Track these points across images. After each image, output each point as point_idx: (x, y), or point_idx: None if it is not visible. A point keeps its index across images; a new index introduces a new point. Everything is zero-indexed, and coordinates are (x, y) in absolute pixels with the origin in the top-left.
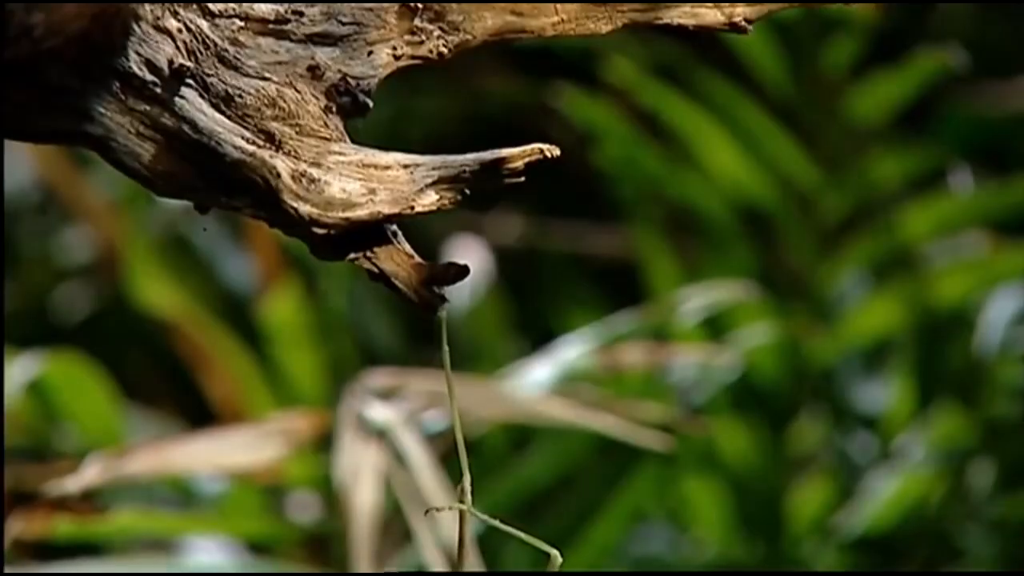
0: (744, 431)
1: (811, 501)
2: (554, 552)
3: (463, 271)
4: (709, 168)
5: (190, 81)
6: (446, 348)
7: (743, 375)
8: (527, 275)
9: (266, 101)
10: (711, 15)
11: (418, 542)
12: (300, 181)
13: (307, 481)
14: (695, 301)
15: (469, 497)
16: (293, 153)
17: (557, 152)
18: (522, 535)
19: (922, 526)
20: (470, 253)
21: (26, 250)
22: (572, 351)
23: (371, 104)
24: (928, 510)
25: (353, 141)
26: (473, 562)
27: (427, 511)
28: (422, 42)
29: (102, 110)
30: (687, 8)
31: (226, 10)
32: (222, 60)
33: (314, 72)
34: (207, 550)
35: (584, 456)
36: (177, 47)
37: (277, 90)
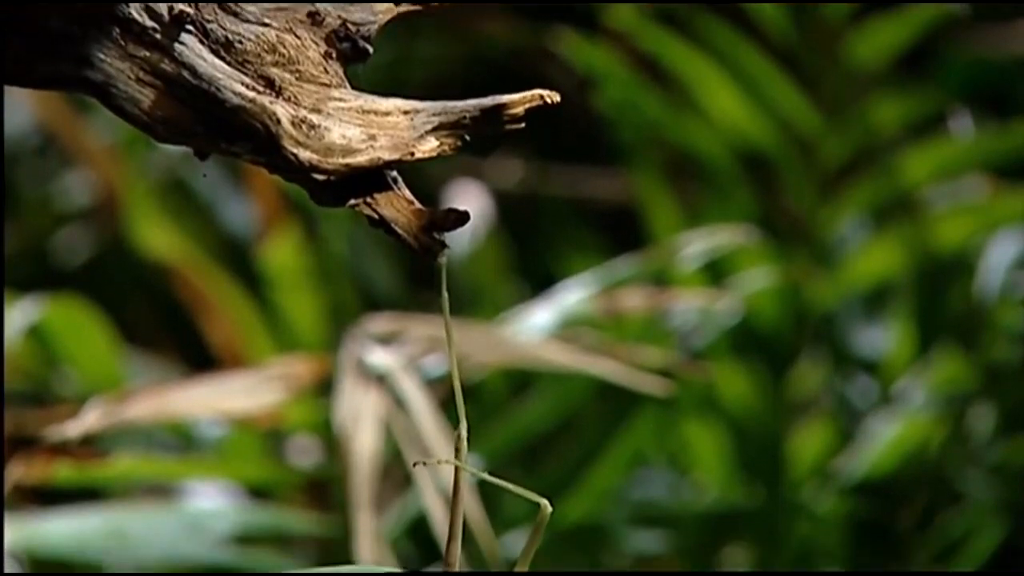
0: (744, 375)
1: (811, 445)
2: (544, 502)
3: (463, 217)
4: (709, 112)
5: (190, 27)
6: (445, 294)
7: (743, 319)
8: (527, 220)
9: (266, 47)
10: None
11: (418, 487)
12: (300, 127)
13: (307, 426)
14: (695, 245)
15: (465, 445)
16: (293, 99)
17: (557, 98)
18: (512, 487)
19: (922, 470)
20: (470, 198)
21: (26, 194)
22: (572, 296)
23: (371, 50)
24: (928, 454)
25: (353, 87)
26: (472, 509)
27: (419, 463)
28: None
29: (102, 56)
30: None
31: None
32: (222, 6)
33: (314, 18)
34: (207, 494)
35: (584, 400)
36: None
37: (277, 36)
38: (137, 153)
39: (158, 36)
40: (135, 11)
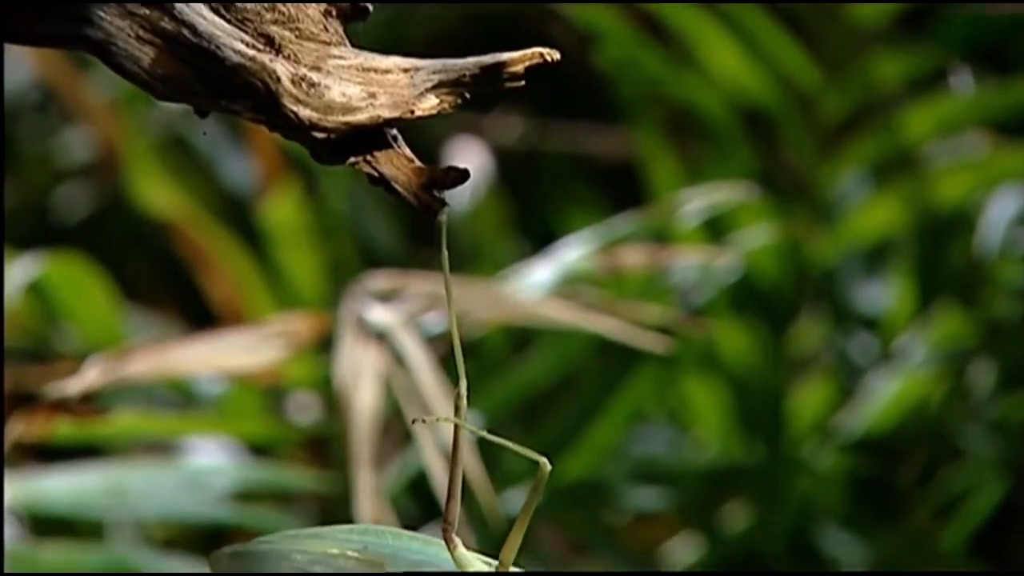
0: (744, 332)
1: (811, 402)
2: (543, 460)
3: (463, 175)
4: (710, 69)
5: None
6: (445, 252)
7: (743, 276)
8: (527, 176)
9: (265, 5)
10: None
11: (417, 444)
12: (300, 85)
13: (307, 382)
14: (696, 202)
15: (465, 403)
16: (293, 57)
17: (557, 56)
18: (512, 445)
19: (922, 426)
20: (470, 154)
21: (25, 150)
22: (572, 252)
23: (370, 8)
24: (928, 410)
25: (353, 45)
26: (472, 466)
27: (418, 420)
28: None
29: (102, 14)
30: None
31: None
32: None
33: None
34: (207, 451)
35: (584, 357)
36: None
37: None
38: (137, 109)
39: None
40: None
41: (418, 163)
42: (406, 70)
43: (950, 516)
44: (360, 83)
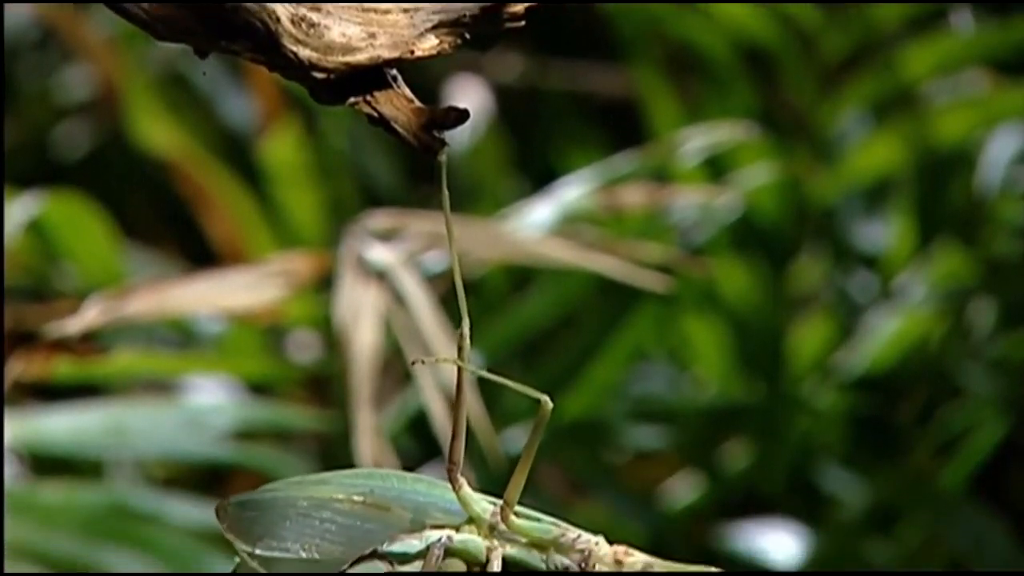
0: (744, 271)
1: (811, 340)
2: (544, 398)
3: (463, 115)
4: (710, 7)
5: None
6: (446, 192)
7: (743, 215)
8: (527, 115)
9: None
10: None
11: (418, 383)
12: (299, 25)
13: (307, 321)
14: (696, 141)
15: (468, 343)
16: None
17: None
18: (513, 384)
19: (922, 365)
20: (470, 93)
21: (25, 87)
22: (572, 191)
23: None
24: (928, 349)
25: None
26: (472, 406)
27: (419, 361)
28: None
29: None
30: None
31: None
32: None
33: None
34: (207, 390)
35: (584, 296)
36: None
37: None
38: (137, 47)
39: None
40: None
41: (418, 103)
42: (406, 10)
43: (950, 454)
44: (360, 23)
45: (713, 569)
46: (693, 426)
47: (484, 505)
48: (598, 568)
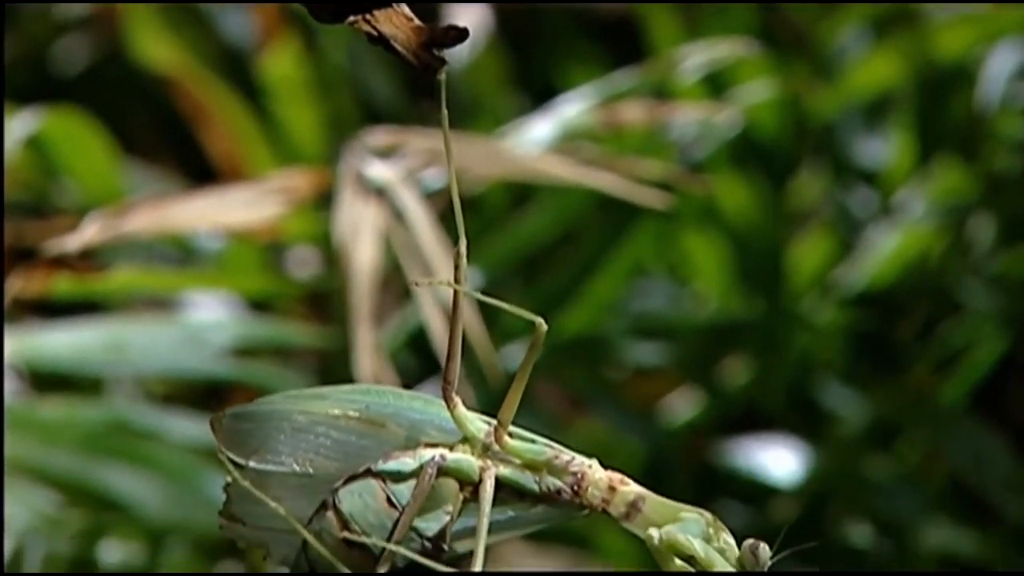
0: (744, 187)
1: (811, 256)
2: (539, 320)
3: (463, 34)
4: None
5: None
6: (445, 111)
7: (743, 131)
8: (527, 31)
9: None
10: None
11: (417, 300)
12: None
13: (306, 238)
14: (695, 57)
15: (465, 263)
16: None
17: None
18: (508, 306)
19: (922, 281)
20: (470, 9)
21: (25, 3)
22: (572, 108)
23: None
24: (928, 265)
25: None
26: (471, 323)
27: (418, 283)
28: None
29: None
30: None
31: None
32: None
33: None
34: (206, 306)
35: (584, 213)
36: None
37: None
38: None
39: None
40: None
41: (417, 22)
42: None
43: (950, 370)
44: None
45: (706, 513)
46: (693, 342)
47: (479, 425)
48: (591, 492)
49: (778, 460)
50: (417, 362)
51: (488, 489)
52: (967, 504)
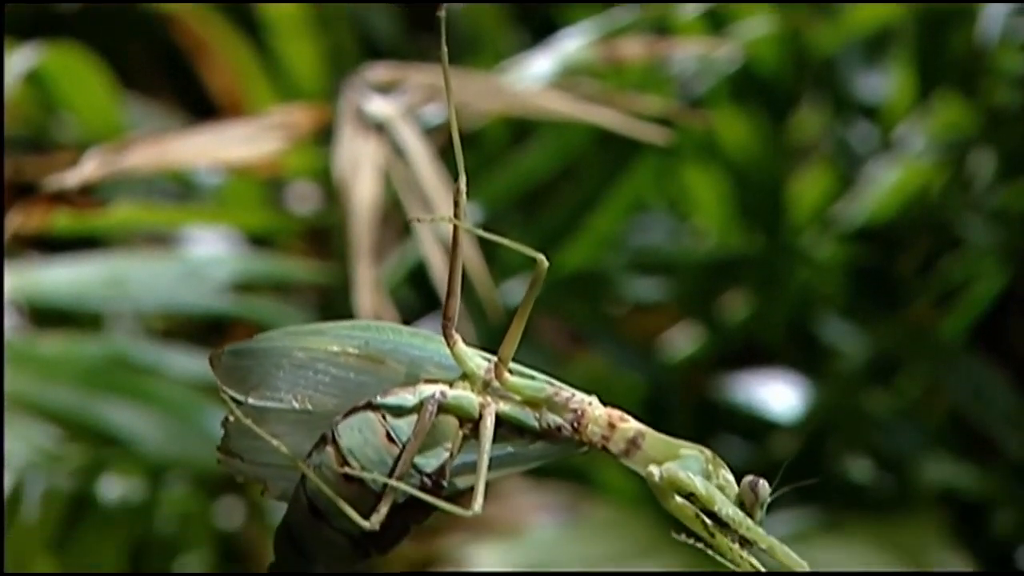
0: (744, 121)
1: (811, 191)
2: (540, 257)
3: None
4: None
5: None
6: (445, 47)
7: (743, 66)
8: None
9: None
10: None
11: (416, 235)
12: None
13: (306, 173)
14: None
15: (464, 199)
16: None
17: None
18: (508, 242)
19: (922, 215)
20: None
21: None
22: (572, 43)
23: None
24: (928, 199)
25: None
26: (471, 259)
27: (419, 219)
28: None
29: None
30: None
31: None
32: None
33: None
34: (206, 242)
35: (584, 148)
36: None
37: None
38: None
39: None
40: None
41: None
42: None
43: (950, 305)
44: None
45: (705, 450)
46: (692, 277)
47: (479, 361)
48: (591, 429)
49: (778, 395)
50: (417, 297)
51: (488, 426)
52: (967, 439)
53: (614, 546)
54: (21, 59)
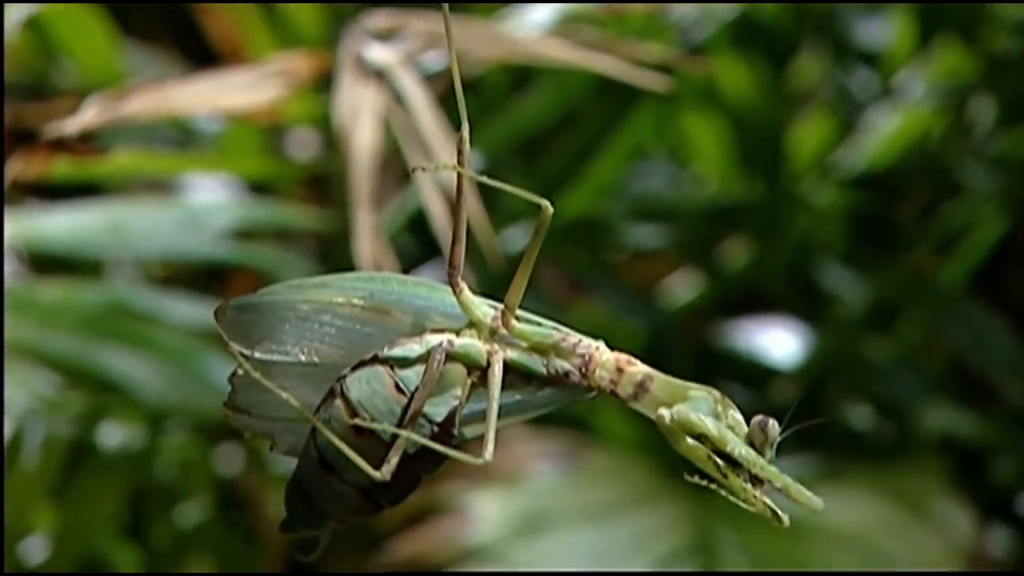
0: (744, 68)
1: (811, 137)
2: (545, 203)
3: None
4: None
5: None
6: None
7: (743, 12)
8: None
9: None
10: None
11: (416, 183)
12: None
13: (306, 121)
14: None
15: (468, 147)
16: None
17: None
18: (512, 188)
19: (922, 162)
20: None
21: None
22: None
23: None
24: (929, 146)
25: None
26: (472, 206)
27: (420, 168)
28: None
29: None
30: None
31: None
32: None
33: None
34: (206, 189)
35: (584, 95)
36: None
37: None
38: None
39: None
40: None
41: None
42: None
43: (950, 252)
44: None
45: (714, 391)
46: (692, 224)
47: (485, 309)
48: (599, 373)
49: (778, 342)
50: (417, 244)
51: (496, 373)
52: (967, 385)
53: (614, 493)
54: (21, 6)
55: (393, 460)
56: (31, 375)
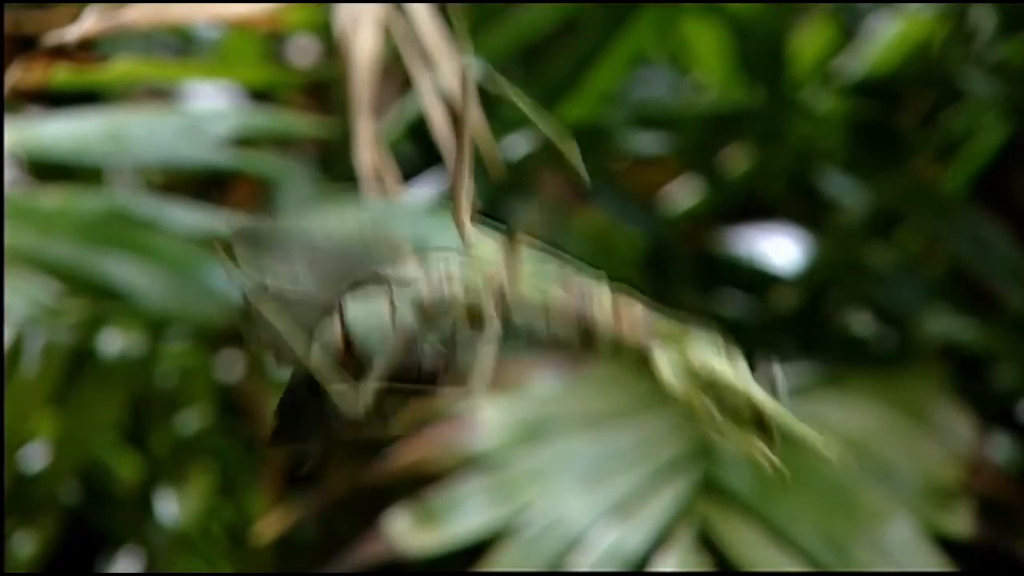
0: None
1: (812, 44)
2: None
3: None
4: None
5: None
6: None
7: None
8: None
9: None
10: None
11: (417, 89)
12: None
13: (307, 27)
14: None
15: (473, 57)
16: None
17: None
18: (514, 96)
19: (924, 69)
20: None
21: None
22: None
23: None
24: (930, 52)
25: None
26: (472, 114)
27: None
28: None
29: None
30: None
31: None
32: None
33: None
34: (206, 96)
35: (585, 2)
36: None
37: None
38: None
39: None
40: None
41: None
42: None
43: (951, 158)
44: None
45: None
46: (693, 131)
47: (486, 241)
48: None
49: (779, 249)
50: (417, 152)
51: (495, 305)
52: (968, 292)
53: (615, 401)
54: None
55: (386, 386)
56: (31, 282)
